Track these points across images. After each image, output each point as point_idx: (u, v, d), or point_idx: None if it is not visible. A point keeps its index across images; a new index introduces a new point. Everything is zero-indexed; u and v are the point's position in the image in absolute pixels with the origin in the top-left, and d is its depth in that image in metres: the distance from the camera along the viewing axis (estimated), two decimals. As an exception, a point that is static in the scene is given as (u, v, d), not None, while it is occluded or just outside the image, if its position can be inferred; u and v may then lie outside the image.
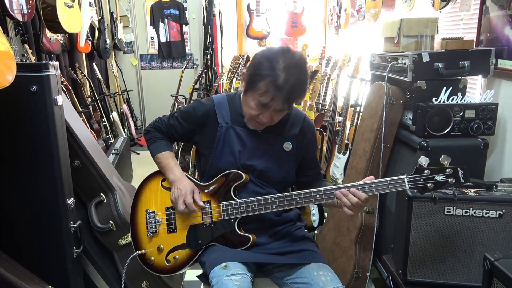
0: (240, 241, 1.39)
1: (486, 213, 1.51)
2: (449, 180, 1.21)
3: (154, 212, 1.48)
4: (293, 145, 1.45)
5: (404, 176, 1.24)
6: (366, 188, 1.26)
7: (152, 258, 1.46)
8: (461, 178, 1.20)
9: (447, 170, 1.21)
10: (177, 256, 1.44)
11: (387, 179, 1.25)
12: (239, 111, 1.44)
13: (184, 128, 1.50)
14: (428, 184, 1.22)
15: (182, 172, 1.46)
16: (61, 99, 1.59)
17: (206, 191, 1.44)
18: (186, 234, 1.43)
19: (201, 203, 1.40)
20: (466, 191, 1.55)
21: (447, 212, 1.54)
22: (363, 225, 2.08)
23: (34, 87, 1.51)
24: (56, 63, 1.59)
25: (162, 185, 1.50)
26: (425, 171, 1.22)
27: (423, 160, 1.22)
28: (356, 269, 2.08)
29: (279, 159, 1.44)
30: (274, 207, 1.34)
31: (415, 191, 1.31)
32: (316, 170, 1.55)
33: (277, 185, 1.46)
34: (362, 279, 2.08)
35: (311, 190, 1.31)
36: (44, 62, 1.54)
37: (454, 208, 1.53)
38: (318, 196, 1.31)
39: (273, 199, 1.34)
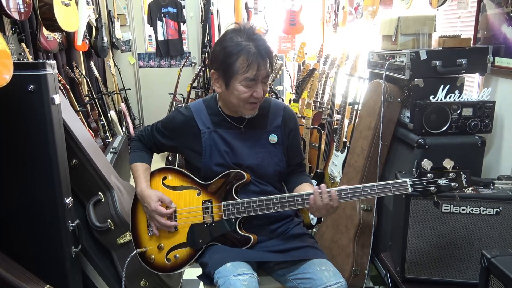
0: (241, 241, 1.39)
1: (483, 211, 1.52)
2: (452, 184, 1.21)
3: None
4: (278, 136, 1.47)
5: (407, 180, 1.24)
6: (369, 191, 1.27)
7: (153, 256, 1.47)
8: (464, 182, 1.20)
9: (450, 174, 1.21)
10: (177, 255, 1.44)
11: (390, 182, 1.25)
12: (219, 113, 1.45)
13: (167, 137, 1.52)
14: (431, 188, 1.22)
15: (146, 184, 1.47)
16: (58, 98, 1.59)
17: (207, 190, 1.45)
18: (187, 233, 1.43)
19: (169, 210, 1.42)
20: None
21: (445, 209, 1.54)
22: (361, 222, 2.08)
23: (31, 86, 1.50)
24: (53, 62, 1.58)
25: (163, 183, 1.50)
26: (428, 175, 1.22)
27: (426, 164, 1.22)
28: (354, 267, 2.08)
29: (267, 153, 1.45)
30: (275, 207, 1.35)
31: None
32: (298, 159, 1.56)
33: (272, 178, 1.47)
34: (360, 277, 2.09)
35: (312, 191, 1.32)
36: (41, 61, 1.53)
37: (452, 205, 1.53)
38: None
39: (274, 199, 1.34)
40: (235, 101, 1.36)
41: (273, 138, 1.46)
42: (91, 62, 4.52)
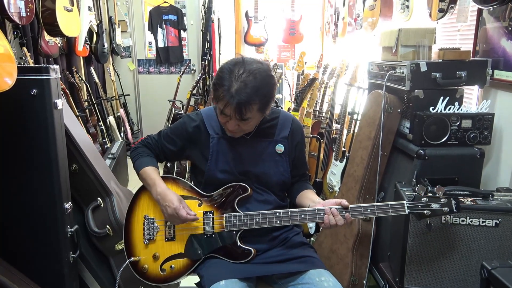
0: (241, 254, 1.39)
1: (482, 222, 1.52)
2: (444, 208, 1.31)
3: (153, 218, 1.47)
4: (285, 146, 1.48)
5: (404, 202, 1.32)
6: (369, 210, 1.31)
7: (146, 265, 1.44)
8: (454, 208, 1.31)
9: (441, 200, 1.31)
10: (173, 265, 1.43)
11: (389, 203, 1.32)
12: None
13: (176, 144, 1.51)
14: (425, 211, 1.31)
15: (166, 186, 1.44)
16: (60, 102, 1.59)
17: (209, 201, 1.44)
18: (185, 244, 1.42)
19: (192, 213, 1.38)
20: (463, 200, 1.56)
21: (444, 220, 1.55)
22: (360, 232, 2.08)
23: (34, 90, 1.51)
24: (56, 66, 1.59)
25: None
26: (423, 199, 1.32)
27: (420, 189, 1.34)
28: (353, 277, 2.08)
29: (273, 162, 1.47)
30: (278, 222, 1.35)
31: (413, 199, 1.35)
32: (302, 170, 1.58)
33: (275, 187, 1.48)
34: (359, 287, 2.09)
35: (316, 208, 1.34)
36: (44, 65, 1.54)
37: (451, 216, 1.54)
38: (322, 214, 1.32)
39: (277, 214, 1.35)
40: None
41: (280, 148, 1.48)
42: (91, 68, 4.53)
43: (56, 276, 1.65)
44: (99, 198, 1.89)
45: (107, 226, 1.85)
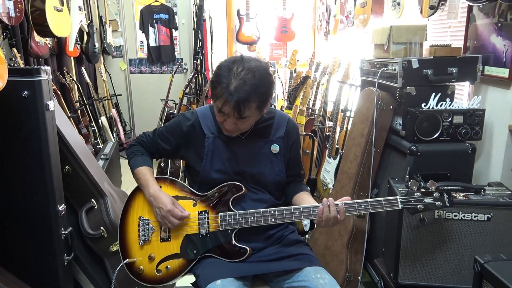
0: (236, 253, 1.39)
1: (475, 217, 1.54)
2: (437, 203, 1.32)
3: (148, 219, 1.46)
4: (280, 146, 1.48)
5: (398, 197, 1.33)
6: (363, 206, 1.32)
7: (142, 267, 1.44)
8: (446, 202, 1.32)
9: (434, 194, 1.33)
10: (169, 266, 1.43)
11: (382, 198, 1.33)
12: None
13: (171, 143, 1.51)
14: (418, 206, 1.33)
15: (159, 188, 1.45)
16: (52, 104, 1.58)
17: (203, 201, 1.44)
18: (181, 244, 1.42)
19: (186, 213, 1.40)
20: (455, 195, 1.58)
21: (437, 215, 1.57)
22: (354, 229, 2.10)
23: (26, 92, 1.50)
24: (47, 68, 1.58)
25: None
26: (416, 194, 1.33)
27: (413, 184, 1.35)
28: (348, 273, 2.09)
29: (268, 162, 1.47)
30: (273, 220, 1.36)
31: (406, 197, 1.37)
32: (297, 170, 1.58)
33: (271, 187, 1.48)
34: (354, 283, 2.10)
35: (310, 205, 1.35)
36: (36, 67, 1.53)
37: (444, 211, 1.56)
38: (316, 211, 1.33)
39: (272, 212, 1.36)
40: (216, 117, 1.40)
41: (275, 148, 1.48)
42: (82, 68, 4.49)
43: (51, 279, 1.64)
44: (92, 200, 1.88)
45: (101, 227, 1.84)
